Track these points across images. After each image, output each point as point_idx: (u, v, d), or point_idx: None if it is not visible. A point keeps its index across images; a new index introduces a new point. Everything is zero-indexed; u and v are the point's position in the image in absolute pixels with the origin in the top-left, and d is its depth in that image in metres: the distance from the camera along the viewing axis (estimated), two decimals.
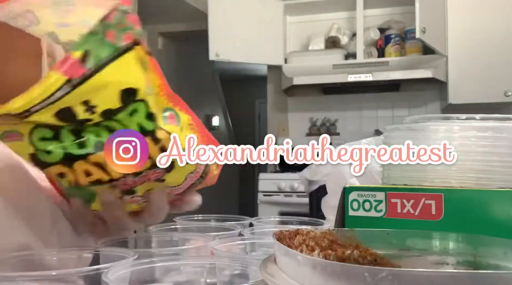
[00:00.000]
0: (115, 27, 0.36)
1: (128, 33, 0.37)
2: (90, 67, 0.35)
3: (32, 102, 0.34)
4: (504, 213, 0.38)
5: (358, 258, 0.33)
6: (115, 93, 0.37)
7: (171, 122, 0.46)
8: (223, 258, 0.45)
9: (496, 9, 2.65)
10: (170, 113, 0.46)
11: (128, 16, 0.38)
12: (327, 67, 2.97)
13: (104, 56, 0.35)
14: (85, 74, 0.34)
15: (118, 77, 0.37)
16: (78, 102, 0.36)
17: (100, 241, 0.50)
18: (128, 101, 0.39)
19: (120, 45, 0.36)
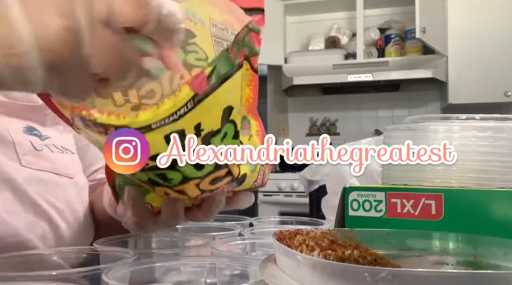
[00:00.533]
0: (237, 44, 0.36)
1: (243, 50, 0.37)
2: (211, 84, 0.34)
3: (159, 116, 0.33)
4: (504, 213, 0.38)
5: (358, 258, 0.33)
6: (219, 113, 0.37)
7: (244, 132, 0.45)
8: (223, 258, 0.45)
9: (496, 9, 2.65)
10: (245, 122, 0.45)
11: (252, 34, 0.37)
12: (327, 67, 2.96)
13: (223, 73, 0.35)
14: (206, 91, 0.34)
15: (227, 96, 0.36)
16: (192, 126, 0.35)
17: (100, 241, 0.50)
18: (225, 121, 0.38)
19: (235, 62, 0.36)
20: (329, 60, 2.98)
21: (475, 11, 2.68)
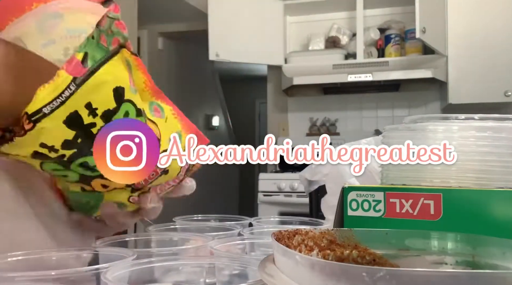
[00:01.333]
0: (105, 32, 0.41)
1: (115, 37, 0.41)
2: (89, 67, 0.39)
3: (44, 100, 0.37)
4: (503, 213, 0.38)
5: (356, 258, 0.33)
6: (110, 93, 0.41)
7: (156, 114, 0.49)
8: (222, 258, 0.45)
9: (496, 9, 2.65)
10: (154, 106, 0.49)
11: (116, 22, 0.41)
12: (327, 67, 2.96)
13: (99, 58, 0.40)
14: (85, 73, 0.38)
15: (111, 77, 0.41)
16: (82, 105, 0.39)
17: (100, 241, 0.50)
18: (120, 100, 0.42)
19: (110, 49, 0.41)
20: (329, 60, 2.98)
21: (475, 11, 2.68)
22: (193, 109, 4.47)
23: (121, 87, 0.42)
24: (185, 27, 3.78)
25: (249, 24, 3.05)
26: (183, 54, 4.20)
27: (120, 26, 0.42)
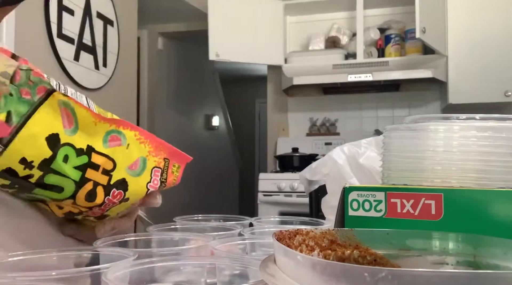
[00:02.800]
0: (26, 85, 0.41)
1: (39, 87, 0.42)
2: (14, 124, 0.40)
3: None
4: (504, 213, 0.38)
5: (357, 258, 0.33)
6: (43, 143, 0.42)
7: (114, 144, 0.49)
8: (223, 258, 0.45)
9: (496, 9, 2.65)
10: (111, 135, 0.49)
11: (33, 72, 0.42)
12: (327, 67, 2.96)
13: (24, 112, 0.40)
14: (11, 132, 0.39)
15: (41, 127, 0.42)
16: (16, 162, 0.40)
17: (100, 241, 0.50)
18: (56, 147, 0.43)
19: (35, 100, 0.41)
20: (329, 60, 2.98)
21: (475, 11, 2.68)
22: (193, 109, 4.47)
23: (54, 134, 0.43)
24: (185, 27, 3.78)
25: (249, 24, 3.05)
26: (183, 54, 4.20)
27: (39, 75, 0.42)
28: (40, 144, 0.42)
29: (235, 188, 5.83)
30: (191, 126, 4.47)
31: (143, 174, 0.52)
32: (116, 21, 2.65)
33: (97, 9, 2.48)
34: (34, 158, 0.41)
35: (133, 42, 2.82)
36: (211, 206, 4.64)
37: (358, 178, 0.76)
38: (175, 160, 0.55)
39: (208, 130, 4.93)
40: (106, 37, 2.53)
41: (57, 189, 0.45)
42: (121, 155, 0.49)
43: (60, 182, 0.44)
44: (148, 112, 3.59)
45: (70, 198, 0.46)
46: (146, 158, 0.52)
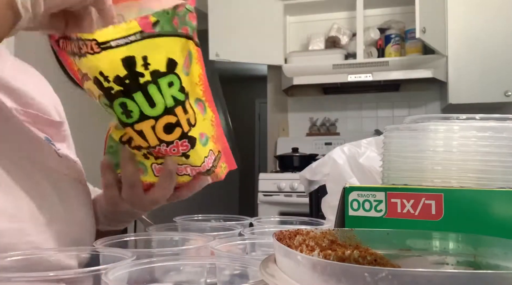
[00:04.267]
0: (180, 18, 0.48)
1: (185, 27, 0.49)
2: (156, 31, 0.47)
3: (114, 35, 0.45)
4: (504, 213, 0.38)
5: (358, 258, 0.33)
6: (164, 58, 0.48)
7: (199, 108, 0.56)
8: (223, 258, 0.45)
9: (496, 9, 2.65)
10: (200, 102, 0.56)
11: (190, 13, 0.49)
12: (327, 67, 2.96)
13: (167, 30, 0.48)
14: (152, 33, 0.47)
15: (169, 48, 0.48)
16: (140, 55, 0.47)
17: (100, 241, 0.50)
18: (171, 69, 0.49)
19: (178, 31, 0.49)
20: (329, 60, 2.98)
21: (475, 11, 2.68)
22: None
23: (175, 60, 0.49)
24: None
25: (249, 24, 3.05)
26: None
27: (192, 18, 0.50)
28: (162, 57, 0.48)
29: (235, 188, 5.83)
30: None
31: (205, 147, 0.56)
32: None
33: None
34: (152, 63, 0.47)
35: None
36: (211, 206, 4.65)
37: (358, 178, 0.76)
38: (225, 159, 0.61)
39: None
40: None
41: (151, 103, 0.49)
42: (200, 120, 0.55)
43: (156, 98, 0.49)
44: None
45: (154, 118, 0.50)
46: (209, 138, 0.57)
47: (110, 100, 0.49)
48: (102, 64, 0.46)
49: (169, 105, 0.50)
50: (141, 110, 0.49)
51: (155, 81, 0.48)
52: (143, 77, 0.48)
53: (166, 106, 0.50)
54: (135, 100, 0.48)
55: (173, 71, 0.49)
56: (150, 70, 0.48)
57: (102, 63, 0.46)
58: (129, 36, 0.46)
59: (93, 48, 0.45)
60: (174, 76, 0.49)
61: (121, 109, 0.49)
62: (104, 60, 0.46)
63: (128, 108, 0.49)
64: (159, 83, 0.49)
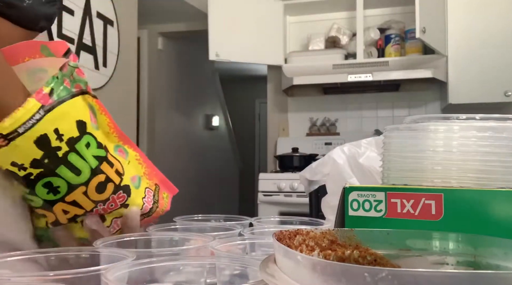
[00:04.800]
0: (68, 77, 0.49)
1: (77, 84, 0.50)
2: (55, 100, 0.47)
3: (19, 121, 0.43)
4: (504, 213, 0.38)
5: (358, 258, 0.33)
6: (73, 123, 0.48)
7: (120, 154, 0.56)
8: (223, 258, 0.45)
9: (496, 10, 2.65)
10: (119, 148, 0.57)
11: (76, 70, 0.50)
12: (327, 67, 2.96)
13: (63, 95, 0.48)
14: (52, 103, 0.46)
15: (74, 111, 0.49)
16: (51, 130, 0.46)
17: (100, 241, 0.50)
18: (83, 131, 0.49)
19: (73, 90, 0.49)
20: (329, 60, 2.98)
21: (475, 11, 2.68)
22: (193, 109, 4.47)
23: (83, 121, 0.49)
24: (185, 27, 3.77)
25: (249, 24, 3.05)
26: (183, 54, 4.20)
27: (80, 74, 0.51)
28: (71, 123, 0.48)
29: (235, 188, 5.83)
30: (191, 126, 4.47)
31: (139, 189, 0.57)
32: (116, 21, 2.66)
33: (97, 9, 2.48)
34: (65, 133, 0.47)
35: (133, 42, 2.82)
36: (211, 206, 4.64)
37: (358, 178, 0.76)
38: (165, 189, 0.62)
39: (208, 130, 4.93)
40: (106, 37, 2.53)
41: (76, 171, 0.49)
42: (126, 165, 0.56)
43: (80, 165, 0.49)
44: (148, 112, 3.59)
45: (84, 184, 0.50)
46: (141, 177, 0.58)
47: (31, 187, 0.48)
48: (13, 154, 0.45)
49: (94, 166, 0.50)
50: (68, 182, 0.49)
51: (73, 148, 0.48)
52: (61, 150, 0.47)
53: (91, 168, 0.50)
54: (59, 175, 0.48)
55: (85, 132, 0.49)
56: (65, 140, 0.47)
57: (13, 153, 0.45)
58: (33, 116, 0.44)
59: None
60: (88, 136, 0.50)
61: (46, 189, 0.48)
62: (14, 150, 0.44)
63: (54, 186, 0.48)
64: (77, 149, 0.48)
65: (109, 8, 2.61)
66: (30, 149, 0.45)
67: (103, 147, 0.52)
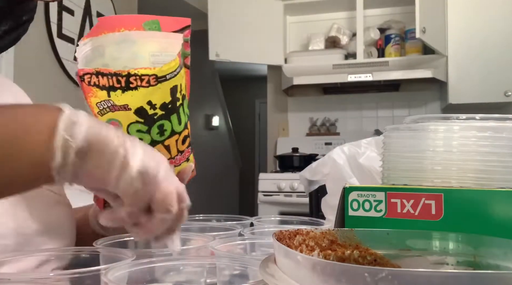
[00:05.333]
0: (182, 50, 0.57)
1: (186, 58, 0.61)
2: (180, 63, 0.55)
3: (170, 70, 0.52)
4: (504, 213, 0.38)
5: (358, 258, 0.33)
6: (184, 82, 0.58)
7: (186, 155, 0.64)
8: (223, 258, 0.45)
9: (496, 9, 2.65)
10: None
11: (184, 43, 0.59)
12: (327, 67, 2.96)
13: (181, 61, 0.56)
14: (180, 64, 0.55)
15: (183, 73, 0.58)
16: (179, 83, 0.55)
17: (100, 241, 0.50)
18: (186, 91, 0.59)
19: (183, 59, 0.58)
20: (329, 60, 2.98)
21: (475, 11, 2.68)
22: (193, 109, 4.47)
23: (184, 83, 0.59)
24: None
25: (249, 24, 3.05)
26: None
27: (186, 47, 0.60)
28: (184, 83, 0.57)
29: (235, 188, 5.83)
30: (191, 126, 4.46)
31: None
32: None
33: (97, 9, 2.48)
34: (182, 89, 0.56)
35: None
36: (211, 206, 4.64)
37: (358, 178, 0.76)
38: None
39: (208, 130, 4.93)
40: None
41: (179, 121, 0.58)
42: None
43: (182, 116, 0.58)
44: None
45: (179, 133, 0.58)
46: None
47: (149, 125, 0.55)
48: (153, 95, 0.53)
49: (186, 121, 0.60)
50: (173, 128, 0.57)
51: (182, 103, 0.58)
52: (179, 101, 0.56)
53: (185, 122, 0.60)
54: (170, 121, 0.56)
55: (184, 92, 0.59)
56: (181, 95, 0.57)
57: (154, 93, 0.53)
58: (176, 69, 0.54)
59: (149, 81, 0.52)
60: (185, 95, 0.59)
61: (157, 130, 0.56)
62: (157, 91, 0.53)
63: (163, 128, 0.57)
64: (183, 105, 0.58)
65: (109, 8, 2.61)
66: (166, 93, 0.54)
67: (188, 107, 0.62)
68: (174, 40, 0.58)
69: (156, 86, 0.52)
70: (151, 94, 0.53)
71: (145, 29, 0.59)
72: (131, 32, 0.58)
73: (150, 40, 0.59)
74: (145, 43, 0.58)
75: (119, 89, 0.52)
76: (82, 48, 0.56)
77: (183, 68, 0.58)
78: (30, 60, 2.04)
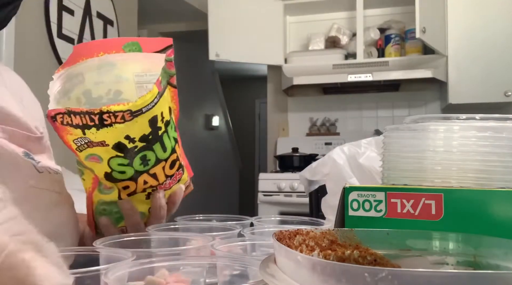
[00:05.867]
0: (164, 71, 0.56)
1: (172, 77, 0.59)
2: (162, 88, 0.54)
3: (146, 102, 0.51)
4: (504, 213, 0.38)
5: (358, 258, 0.33)
6: (167, 108, 0.57)
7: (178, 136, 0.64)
8: (223, 258, 0.45)
9: (496, 9, 2.65)
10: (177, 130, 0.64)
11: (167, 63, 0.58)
12: (327, 67, 2.96)
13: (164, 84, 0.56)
14: (161, 91, 0.54)
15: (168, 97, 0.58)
16: (159, 112, 0.54)
17: (100, 241, 0.50)
18: (170, 115, 0.58)
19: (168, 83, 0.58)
20: (329, 60, 2.98)
21: (475, 11, 2.68)
22: (193, 109, 4.47)
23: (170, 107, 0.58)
24: (185, 27, 3.78)
25: (249, 24, 3.05)
26: (183, 54, 4.20)
27: (170, 67, 0.58)
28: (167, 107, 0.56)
29: (235, 188, 5.83)
30: (191, 127, 4.47)
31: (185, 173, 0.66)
32: (116, 21, 2.66)
33: (97, 9, 2.48)
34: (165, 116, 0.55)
35: None
36: (211, 206, 4.64)
37: (358, 178, 0.76)
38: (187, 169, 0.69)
39: (208, 130, 4.93)
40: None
41: (164, 148, 0.57)
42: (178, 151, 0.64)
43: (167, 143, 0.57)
44: None
45: (165, 160, 0.58)
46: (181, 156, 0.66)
47: (130, 158, 0.55)
48: (130, 129, 0.52)
49: (173, 145, 0.59)
50: (157, 157, 0.57)
51: (166, 129, 0.56)
52: (161, 130, 0.55)
53: (172, 147, 0.59)
54: (153, 150, 0.56)
55: (171, 116, 0.58)
56: (164, 122, 0.56)
57: (131, 127, 0.52)
58: (153, 100, 0.52)
59: (124, 117, 0.50)
60: (172, 119, 0.58)
61: (140, 161, 0.56)
62: (134, 125, 0.52)
63: (147, 158, 0.56)
64: (167, 131, 0.57)
65: (109, 8, 2.61)
66: (144, 126, 0.53)
67: (177, 130, 0.61)
68: (157, 61, 0.57)
69: (132, 121, 0.51)
70: (128, 129, 0.52)
71: (125, 51, 0.58)
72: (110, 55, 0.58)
73: (131, 62, 0.58)
74: (126, 65, 0.58)
75: (93, 127, 0.51)
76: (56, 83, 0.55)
77: (167, 89, 0.57)
78: (30, 60, 2.04)
